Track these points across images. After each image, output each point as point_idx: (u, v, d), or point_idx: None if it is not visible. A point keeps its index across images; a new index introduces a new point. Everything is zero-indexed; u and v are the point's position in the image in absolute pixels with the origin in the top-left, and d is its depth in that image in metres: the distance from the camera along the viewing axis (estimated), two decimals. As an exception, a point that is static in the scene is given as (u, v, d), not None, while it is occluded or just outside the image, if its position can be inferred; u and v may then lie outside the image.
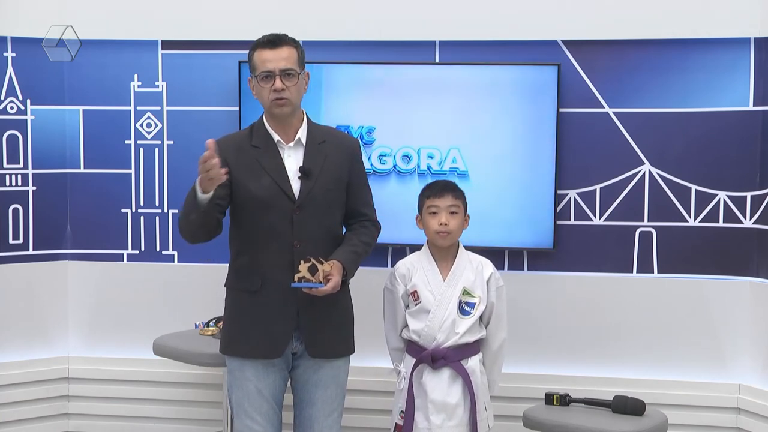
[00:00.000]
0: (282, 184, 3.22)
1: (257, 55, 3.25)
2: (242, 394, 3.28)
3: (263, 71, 3.22)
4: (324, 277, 3.15)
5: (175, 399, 4.60)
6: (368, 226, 3.43)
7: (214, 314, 4.11)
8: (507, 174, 4.28)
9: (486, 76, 4.28)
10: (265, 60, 3.22)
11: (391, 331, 3.67)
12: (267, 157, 3.26)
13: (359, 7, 4.40)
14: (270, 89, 3.21)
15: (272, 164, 3.25)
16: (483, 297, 3.59)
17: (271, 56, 3.22)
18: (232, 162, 3.23)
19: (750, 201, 4.20)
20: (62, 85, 4.56)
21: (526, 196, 4.28)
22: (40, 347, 4.61)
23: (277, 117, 3.27)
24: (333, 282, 3.16)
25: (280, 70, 3.21)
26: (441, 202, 3.57)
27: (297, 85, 3.25)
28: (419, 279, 3.59)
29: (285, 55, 3.23)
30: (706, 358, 4.28)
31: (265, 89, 3.23)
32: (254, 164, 3.24)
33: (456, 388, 3.54)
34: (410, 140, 4.31)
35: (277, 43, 3.24)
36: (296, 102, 3.28)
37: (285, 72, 3.22)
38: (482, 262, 3.64)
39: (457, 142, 4.29)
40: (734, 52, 4.18)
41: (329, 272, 3.16)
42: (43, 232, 4.59)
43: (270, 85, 3.21)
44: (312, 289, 3.15)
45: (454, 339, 3.53)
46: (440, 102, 4.30)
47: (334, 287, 3.17)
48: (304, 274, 3.15)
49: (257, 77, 3.23)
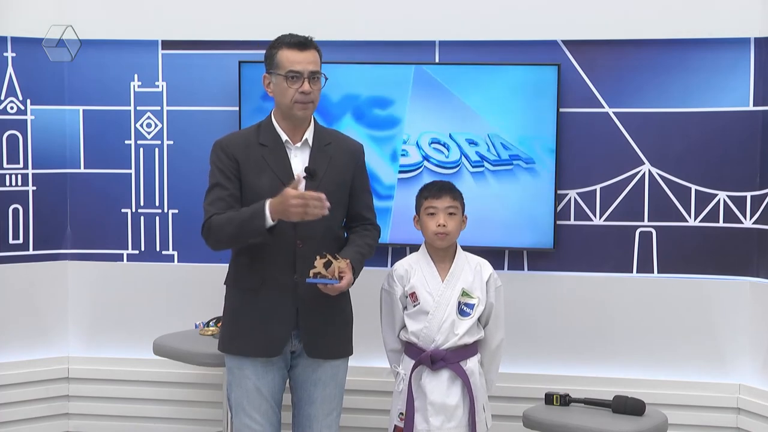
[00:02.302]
0: (288, 183, 3.22)
1: (284, 54, 3.24)
2: (241, 392, 3.28)
3: (292, 71, 3.22)
4: (338, 273, 3.15)
5: (175, 399, 4.61)
6: (370, 229, 3.45)
7: (214, 314, 4.11)
8: (507, 174, 4.28)
9: (486, 76, 4.28)
10: (294, 61, 3.22)
11: (389, 333, 3.66)
12: (274, 156, 3.27)
13: (359, 7, 4.40)
14: (296, 90, 3.22)
15: (279, 163, 3.26)
16: (482, 298, 3.58)
17: (300, 58, 3.23)
18: (242, 160, 3.25)
19: (750, 201, 4.20)
20: (62, 85, 4.56)
21: (526, 196, 4.28)
22: (40, 347, 4.61)
23: (296, 119, 3.28)
24: (347, 279, 3.17)
25: (309, 72, 3.23)
26: (439, 203, 3.57)
27: (319, 89, 3.29)
28: (417, 280, 3.58)
29: (312, 58, 3.25)
30: (706, 358, 4.28)
31: (290, 89, 3.23)
32: (261, 162, 3.25)
33: (455, 389, 3.54)
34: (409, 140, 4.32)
35: (307, 45, 3.26)
36: (316, 105, 3.31)
37: (313, 75, 3.24)
38: (480, 263, 3.64)
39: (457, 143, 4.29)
40: (734, 52, 4.18)
41: (343, 269, 3.17)
42: (43, 232, 4.60)
43: (297, 86, 3.22)
44: (327, 285, 3.15)
45: (453, 340, 3.53)
46: (440, 102, 4.29)
47: (348, 284, 3.19)
48: (319, 270, 3.15)
49: (284, 76, 3.24)
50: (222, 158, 3.27)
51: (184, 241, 4.56)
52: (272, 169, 3.24)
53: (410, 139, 4.32)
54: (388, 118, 4.33)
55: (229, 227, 3.16)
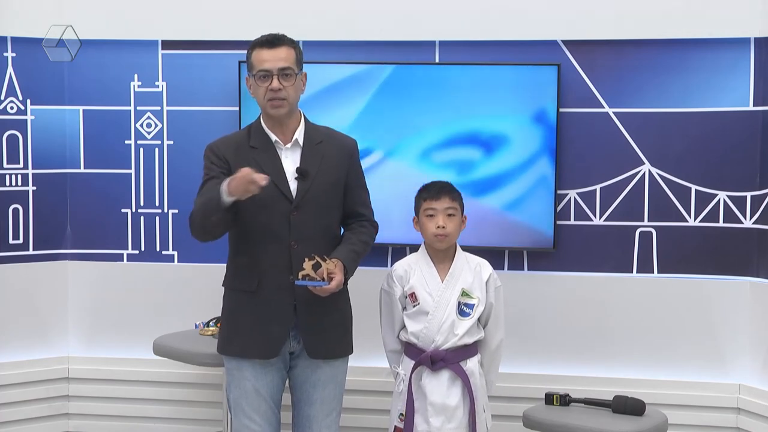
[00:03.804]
0: (280, 184, 3.22)
1: (255, 54, 3.25)
2: (240, 393, 3.28)
3: (261, 70, 3.22)
4: (327, 275, 3.15)
5: (175, 399, 4.61)
6: (366, 226, 3.43)
7: (214, 314, 4.10)
8: (507, 174, 4.28)
9: (486, 76, 4.28)
10: (263, 59, 3.22)
11: (389, 333, 3.65)
12: (265, 157, 3.26)
13: (359, 7, 4.40)
14: (267, 88, 3.21)
15: (270, 165, 3.25)
16: (482, 298, 3.58)
17: (269, 56, 3.22)
18: (232, 161, 3.24)
19: (750, 201, 4.20)
20: (62, 85, 4.56)
21: (526, 196, 4.28)
22: (40, 347, 4.61)
23: (274, 118, 3.27)
24: (336, 280, 3.17)
25: (277, 69, 3.21)
26: (438, 205, 3.56)
27: (294, 86, 3.25)
28: (417, 280, 3.57)
29: (283, 55, 3.23)
30: (706, 358, 4.28)
31: (261, 88, 3.23)
32: (252, 164, 3.22)
33: (455, 390, 3.54)
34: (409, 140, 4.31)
35: (275, 42, 3.24)
36: (293, 102, 3.28)
37: (283, 72, 3.22)
38: (480, 263, 3.64)
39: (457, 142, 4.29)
40: (734, 52, 4.18)
41: (332, 270, 3.16)
42: (43, 232, 4.60)
43: (267, 85, 3.21)
44: (316, 287, 3.15)
45: (453, 341, 3.52)
46: (440, 102, 4.29)
47: (337, 285, 3.18)
48: (308, 272, 3.15)
49: (254, 76, 3.24)
50: (212, 158, 3.28)
51: (184, 241, 4.56)
52: (264, 170, 3.22)
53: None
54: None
55: (198, 213, 3.17)
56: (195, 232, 3.25)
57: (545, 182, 4.27)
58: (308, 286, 3.16)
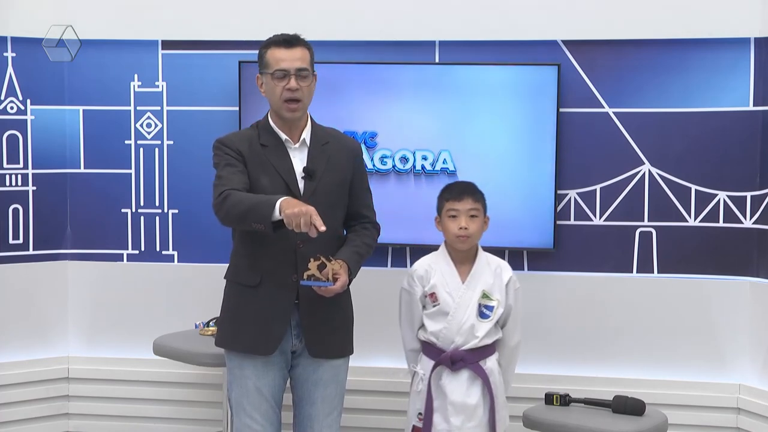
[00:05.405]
0: (290, 183, 3.22)
1: (271, 53, 3.25)
2: (241, 392, 3.28)
3: (279, 69, 3.22)
4: (332, 275, 3.15)
5: (175, 399, 4.61)
6: (369, 227, 3.43)
7: (214, 314, 4.09)
8: (507, 174, 4.28)
9: (486, 76, 4.28)
10: (280, 58, 3.22)
11: (408, 333, 3.64)
12: (276, 155, 3.27)
13: (359, 7, 4.40)
14: (284, 87, 3.22)
15: (281, 163, 3.26)
16: (501, 300, 3.57)
17: (286, 55, 3.22)
18: (245, 153, 3.24)
19: (750, 201, 4.20)
20: (62, 85, 4.56)
21: (526, 196, 4.28)
22: (40, 347, 4.61)
23: (287, 119, 3.27)
24: (341, 281, 3.17)
25: (295, 69, 3.22)
26: (461, 206, 3.55)
27: (309, 87, 3.27)
28: (437, 281, 3.56)
29: (299, 55, 3.24)
30: (706, 358, 4.28)
31: (278, 87, 3.23)
32: (264, 162, 3.24)
33: (475, 389, 3.53)
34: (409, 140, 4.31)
35: (292, 42, 3.25)
36: (307, 103, 3.29)
37: (300, 72, 3.23)
38: (501, 265, 3.63)
39: (457, 142, 4.29)
40: (734, 52, 4.18)
41: (337, 271, 3.16)
42: (43, 232, 4.60)
43: (284, 84, 3.22)
44: (321, 287, 3.15)
45: (473, 342, 3.51)
46: (440, 102, 4.30)
47: (342, 286, 3.18)
48: (313, 272, 3.14)
49: (271, 74, 3.23)
50: (226, 150, 3.25)
51: (184, 241, 4.56)
52: (275, 169, 3.24)
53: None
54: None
55: (242, 206, 3.08)
56: (226, 218, 3.14)
57: (545, 182, 4.27)
58: (313, 286, 3.16)
